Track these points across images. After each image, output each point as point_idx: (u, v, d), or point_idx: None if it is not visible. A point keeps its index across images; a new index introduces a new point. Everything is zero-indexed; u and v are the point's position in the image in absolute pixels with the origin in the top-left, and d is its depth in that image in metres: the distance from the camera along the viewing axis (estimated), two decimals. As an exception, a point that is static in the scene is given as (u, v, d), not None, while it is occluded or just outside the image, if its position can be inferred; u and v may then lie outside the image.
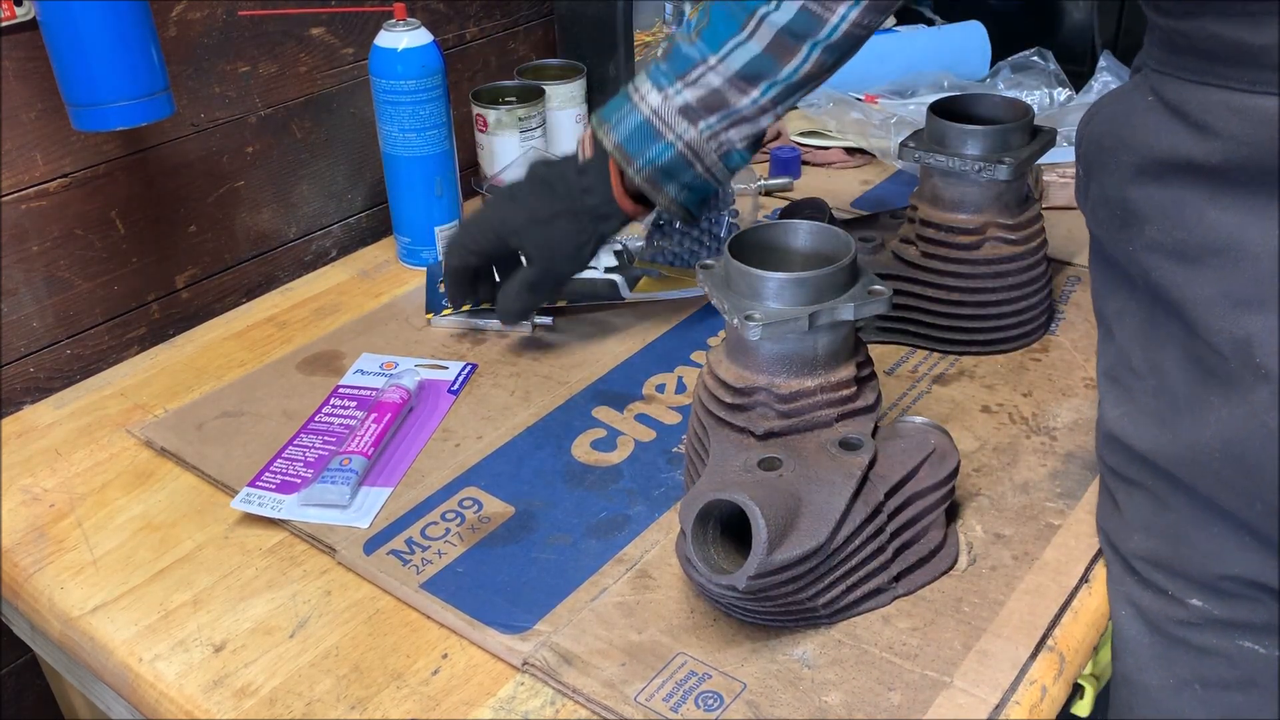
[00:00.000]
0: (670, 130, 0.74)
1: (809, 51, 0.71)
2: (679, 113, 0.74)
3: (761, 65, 0.71)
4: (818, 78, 0.73)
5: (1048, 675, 0.59)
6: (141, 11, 0.79)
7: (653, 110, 0.74)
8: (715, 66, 0.72)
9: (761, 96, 0.73)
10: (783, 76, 0.72)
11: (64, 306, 0.90)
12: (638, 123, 0.75)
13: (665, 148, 0.75)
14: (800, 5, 0.69)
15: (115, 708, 0.71)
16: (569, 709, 0.58)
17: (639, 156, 0.75)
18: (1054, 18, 1.47)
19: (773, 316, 0.59)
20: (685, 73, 0.73)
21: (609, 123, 0.77)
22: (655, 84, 0.74)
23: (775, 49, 0.71)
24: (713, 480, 0.60)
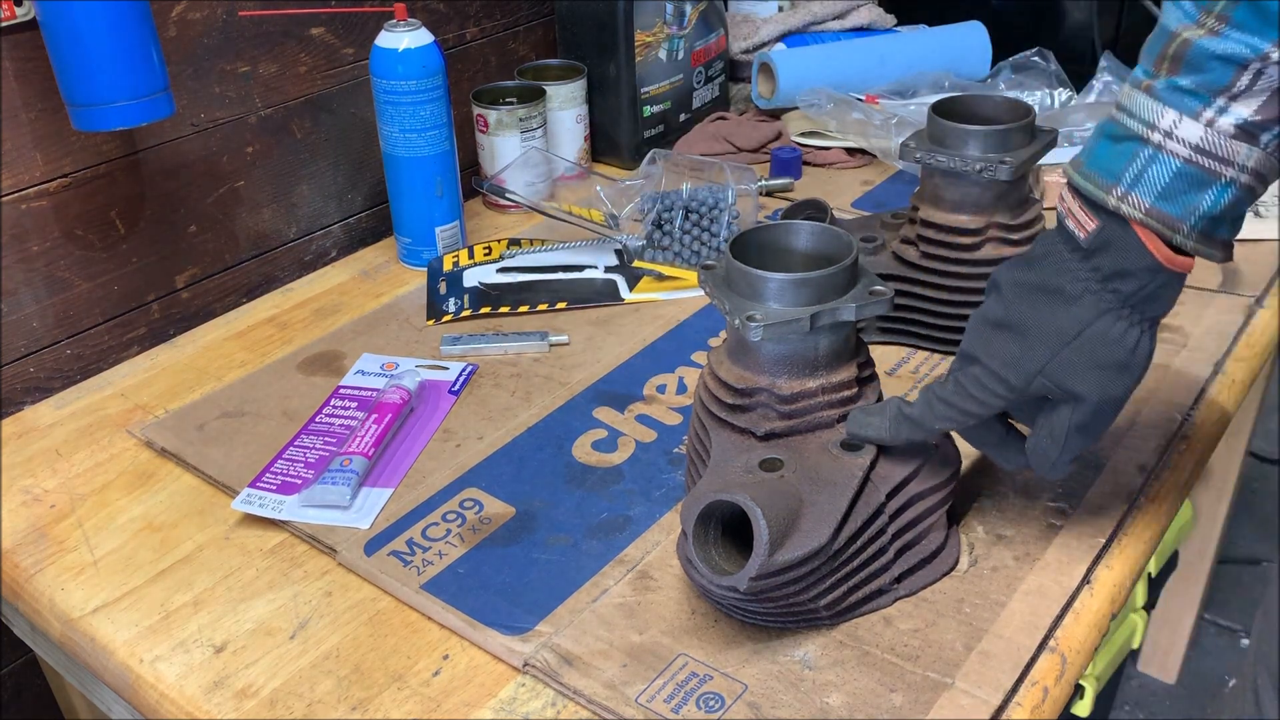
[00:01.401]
0: (1227, 165, 0.52)
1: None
2: (1234, 138, 0.52)
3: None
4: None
5: (1049, 676, 0.59)
6: (141, 11, 0.79)
7: (1193, 149, 0.52)
8: (1277, 61, 0.50)
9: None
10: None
11: (64, 306, 0.90)
12: (1175, 171, 0.53)
13: (1221, 191, 0.53)
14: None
15: (115, 708, 0.71)
16: (570, 710, 0.58)
17: (1188, 215, 0.53)
18: (1054, 18, 1.47)
19: (774, 317, 0.59)
20: (1228, 84, 0.51)
21: (1117, 183, 0.54)
22: (1182, 108, 0.52)
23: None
24: (714, 481, 0.60)
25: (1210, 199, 0.53)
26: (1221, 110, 0.51)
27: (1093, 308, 0.56)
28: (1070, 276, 0.57)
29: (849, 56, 1.30)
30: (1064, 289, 0.57)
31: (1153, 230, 0.54)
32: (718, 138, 1.24)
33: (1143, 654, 1.64)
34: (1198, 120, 0.52)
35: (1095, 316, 0.56)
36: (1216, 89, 0.51)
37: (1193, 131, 0.52)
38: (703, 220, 1.02)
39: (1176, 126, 0.52)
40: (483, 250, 1.05)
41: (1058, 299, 0.57)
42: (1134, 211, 0.54)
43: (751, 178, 1.05)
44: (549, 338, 0.91)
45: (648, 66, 1.21)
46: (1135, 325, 0.56)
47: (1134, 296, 0.56)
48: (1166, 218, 0.53)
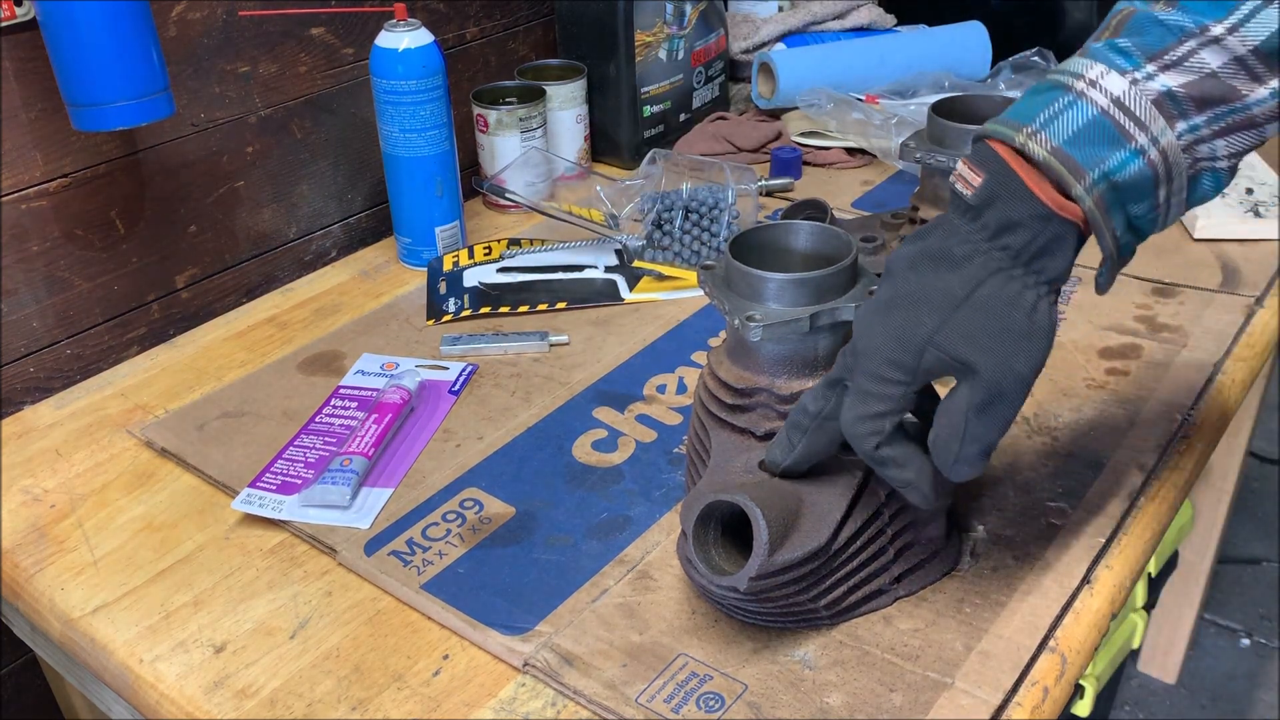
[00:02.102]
0: (1141, 130, 0.50)
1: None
2: (1155, 105, 0.50)
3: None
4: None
5: (1049, 676, 0.59)
6: (141, 11, 0.79)
7: (1113, 100, 0.50)
8: (1218, 39, 0.49)
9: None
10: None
11: (64, 306, 0.90)
12: (1089, 118, 0.50)
13: (1130, 156, 0.50)
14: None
15: (115, 708, 0.71)
16: (570, 710, 0.58)
17: (1093, 166, 0.50)
18: (1054, 18, 1.47)
19: (773, 317, 0.59)
20: (1163, 49, 0.50)
21: (1029, 123, 0.51)
22: (1111, 64, 0.50)
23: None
24: (714, 481, 0.60)
25: (1117, 159, 0.50)
26: (1149, 75, 0.50)
27: (982, 267, 0.52)
28: (958, 238, 0.52)
29: (849, 56, 1.30)
30: (951, 251, 0.52)
31: (1053, 175, 0.50)
32: (718, 138, 1.24)
33: (1143, 654, 1.64)
34: (1124, 76, 0.50)
35: (985, 275, 0.52)
36: (1150, 52, 0.50)
37: (1116, 84, 0.50)
38: (703, 220, 1.02)
39: (1102, 78, 0.50)
40: (483, 250, 1.05)
41: (944, 263, 0.52)
42: (1039, 149, 0.50)
43: (751, 178, 1.05)
44: (549, 338, 0.91)
45: (648, 66, 1.21)
46: (1030, 287, 0.52)
47: (1025, 251, 0.51)
48: (1071, 162, 0.50)
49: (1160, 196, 0.51)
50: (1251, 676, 1.64)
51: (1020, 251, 0.51)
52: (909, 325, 0.52)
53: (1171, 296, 0.92)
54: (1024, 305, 0.52)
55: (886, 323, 0.53)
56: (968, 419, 0.53)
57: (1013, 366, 0.52)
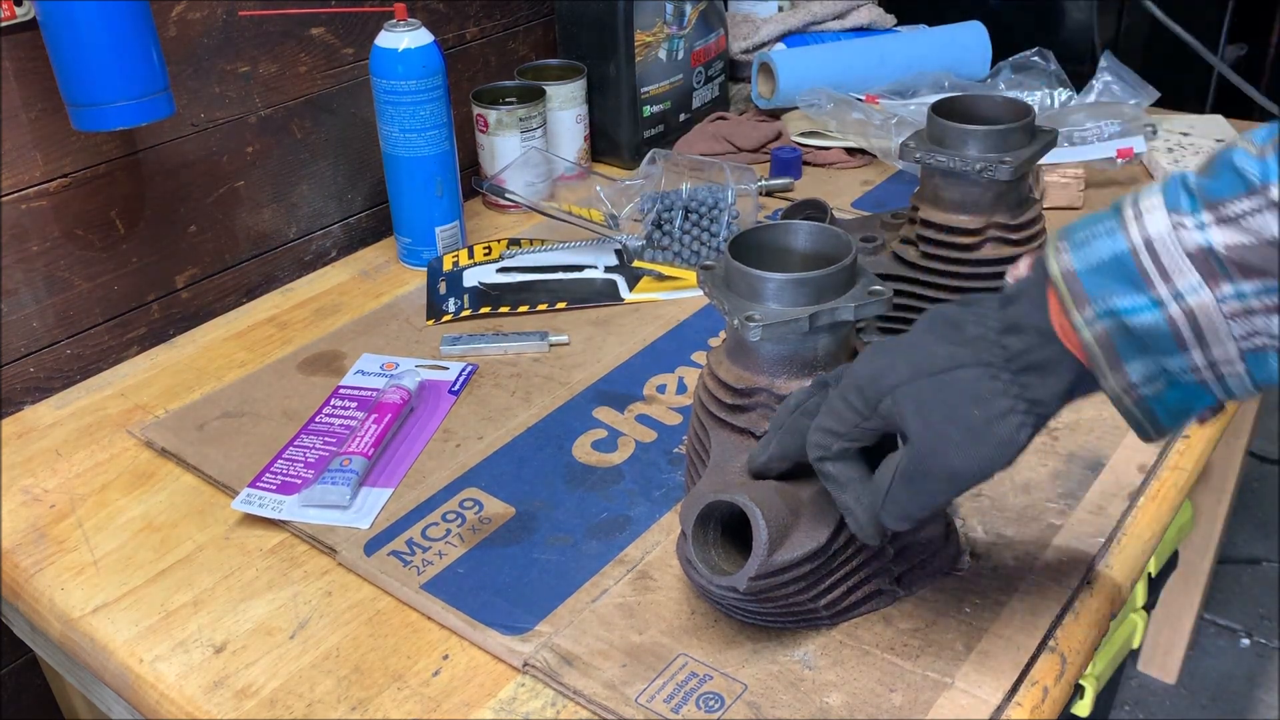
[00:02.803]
0: (1165, 280, 0.45)
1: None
2: (1190, 257, 0.45)
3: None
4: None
5: (1049, 676, 0.59)
6: (141, 11, 0.79)
7: (1145, 240, 0.46)
8: (1277, 203, 0.43)
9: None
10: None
11: (64, 306, 0.90)
12: (1116, 252, 0.47)
13: (1147, 304, 0.46)
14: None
15: (115, 708, 0.71)
16: (570, 710, 0.58)
17: (1100, 299, 0.47)
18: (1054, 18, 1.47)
19: (773, 317, 0.59)
20: (1222, 199, 0.44)
21: (1069, 239, 0.49)
22: (1168, 200, 0.46)
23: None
24: (713, 481, 0.60)
25: (1129, 303, 0.46)
26: (1201, 225, 0.45)
27: (974, 353, 0.51)
28: (977, 317, 0.52)
29: (849, 56, 1.30)
30: (965, 326, 0.52)
31: (1060, 295, 0.48)
32: (718, 138, 1.24)
33: (1143, 654, 1.64)
34: (1170, 217, 0.45)
35: (971, 362, 0.50)
36: (1210, 200, 0.45)
37: (1157, 224, 0.46)
38: (702, 220, 1.02)
39: (1149, 213, 0.46)
40: (483, 250, 1.05)
41: (953, 332, 0.52)
42: (1055, 266, 0.48)
43: (751, 178, 1.05)
44: (549, 338, 0.91)
45: (648, 66, 1.21)
46: (1007, 396, 0.50)
47: (1018, 359, 0.50)
48: (1078, 288, 0.47)
49: (1195, 360, 0.46)
50: (1251, 676, 1.64)
51: (1015, 357, 0.50)
52: (886, 368, 0.53)
53: (1171, 296, 0.92)
54: (991, 409, 0.50)
55: (876, 357, 0.54)
56: (893, 480, 0.53)
57: (947, 457, 0.51)
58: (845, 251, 0.62)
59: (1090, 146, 1.12)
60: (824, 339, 0.61)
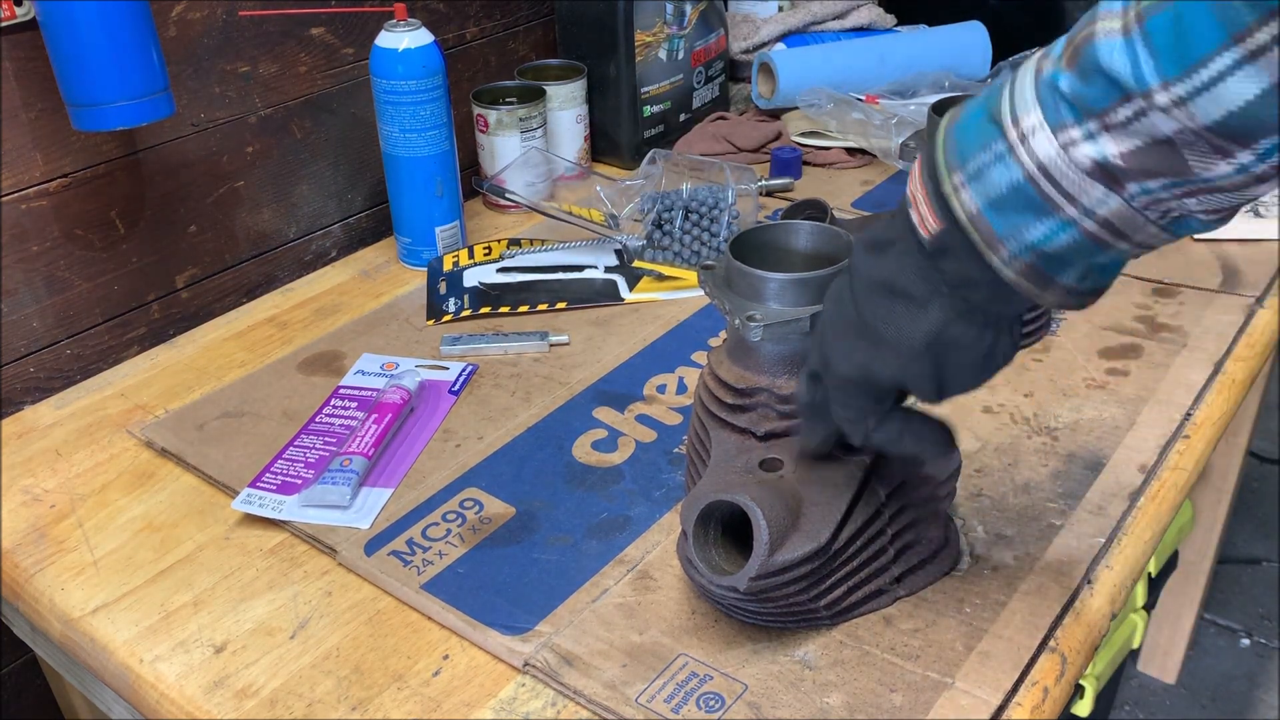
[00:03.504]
0: (1071, 202, 0.44)
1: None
2: (1089, 174, 0.43)
3: (1264, 110, 0.38)
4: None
5: (1049, 676, 0.59)
6: (141, 11, 0.79)
7: (1039, 165, 0.44)
8: (1170, 104, 0.40)
9: (1259, 161, 0.40)
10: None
11: (64, 306, 0.90)
12: (1013, 182, 0.45)
13: (1059, 228, 0.45)
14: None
15: (115, 708, 0.71)
16: (570, 710, 0.58)
17: (1011, 238, 0.46)
18: (1054, 18, 1.47)
19: (774, 317, 0.59)
20: (1105, 108, 0.42)
21: (961, 168, 0.46)
22: (1047, 114, 0.44)
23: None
24: (714, 481, 0.60)
25: (1041, 231, 0.45)
26: (1090, 135, 0.42)
27: (940, 312, 0.50)
28: (918, 276, 0.50)
29: (849, 56, 1.30)
30: (911, 290, 0.50)
31: (974, 240, 0.47)
32: (718, 138, 1.24)
33: (1143, 654, 1.64)
34: (1056, 136, 0.43)
35: (944, 324, 0.50)
36: (1091, 110, 0.42)
37: (1044, 147, 0.44)
38: (703, 220, 1.02)
39: (1033, 133, 0.44)
40: (483, 250, 1.05)
41: (906, 301, 0.50)
42: (960, 211, 0.46)
43: (751, 178, 1.05)
44: (549, 338, 0.91)
45: (648, 66, 1.21)
46: (989, 327, 0.50)
47: (987, 303, 0.49)
48: (988, 231, 0.46)
49: (1122, 249, 0.46)
50: (1251, 676, 1.64)
51: (983, 302, 0.49)
52: (875, 363, 0.52)
53: (1171, 296, 0.92)
54: (982, 346, 0.51)
55: (853, 352, 0.53)
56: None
57: (965, 387, 0.53)
58: (846, 251, 0.62)
59: (1090, 146, 1.12)
60: (824, 339, 0.61)
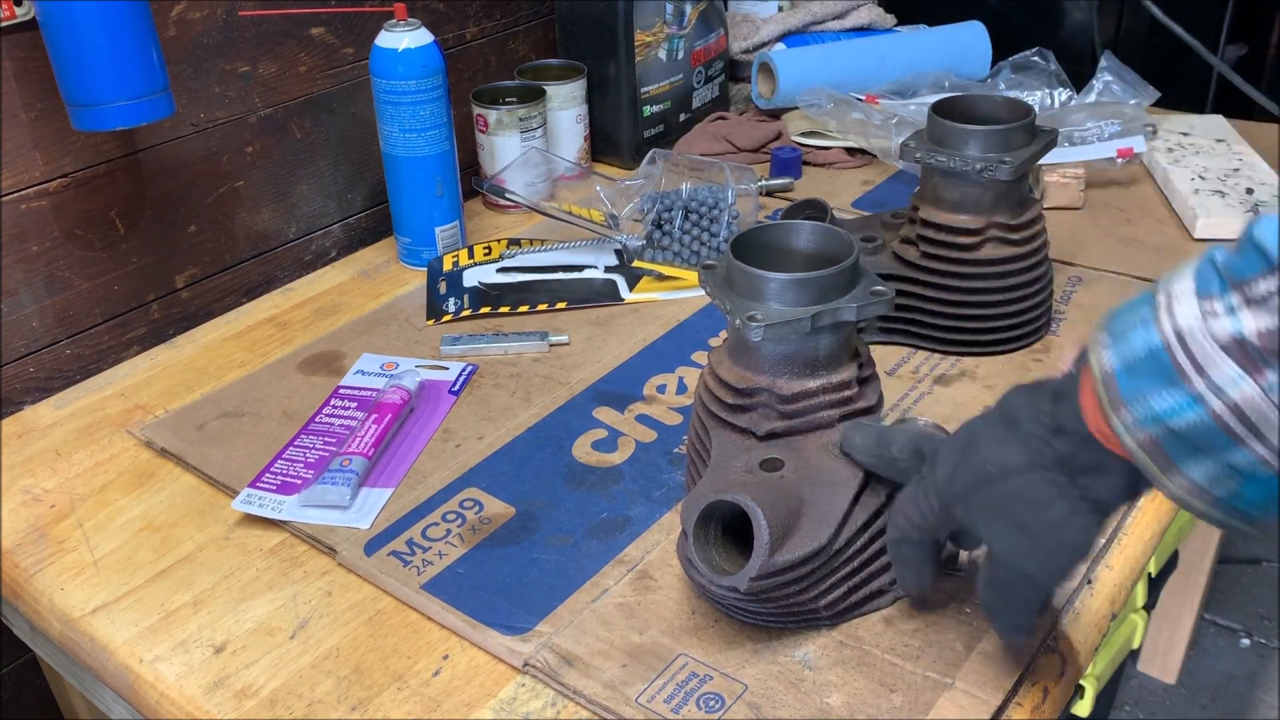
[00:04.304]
0: (1201, 375, 0.41)
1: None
2: (1225, 349, 0.41)
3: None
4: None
5: (1049, 676, 0.59)
6: (141, 11, 0.79)
7: (1176, 331, 0.42)
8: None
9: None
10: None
11: (64, 306, 0.90)
12: (1149, 346, 0.43)
13: (1187, 403, 0.42)
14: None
15: (115, 708, 0.71)
16: (570, 710, 0.58)
17: (1137, 403, 0.43)
18: (1054, 18, 1.47)
19: (775, 317, 0.59)
20: (1246, 279, 0.40)
21: (1109, 330, 0.45)
22: (1198, 285, 0.42)
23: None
24: (714, 481, 0.60)
25: (1168, 403, 0.42)
26: (1229, 310, 0.40)
27: (1026, 456, 0.49)
28: (1031, 412, 0.50)
29: (849, 56, 1.30)
30: (1019, 423, 0.50)
31: (1100, 398, 0.45)
32: (718, 138, 1.24)
33: (1143, 654, 1.64)
34: (1199, 304, 0.41)
35: (1025, 467, 0.49)
36: (1236, 280, 0.40)
37: (1186, 313, 0.42)
38: (703, 220, 1.02)
39: (1178, 300, 0.42)
40: (483, 250, 1.05)
41: (1008, 430, 0.51)
42: (1095, 363, 0.45)
43: (751, 178, 1.05)
44: (549, 338, 0.91)
45: (648, 66, 1.21)
46: (1066, 498, 0.48)
47: (1069, 461, 0.48)
48: (1114, 390, 0.44)
49: (1259, 452, 0.41)
50: (1251, 676, 1.64)
51: (1065, 459, 0.48)
52: (951, 477, 0.53)
53: (1172, 296, 0.92)
54: (1050, 513, 0.49)
55: (950, 457, 0.54)
56: (982, 586, 0.54)
57: (1022, 565, 0.51)
58: (847, 251, 0.62)
59: (1090, 146, 1.12)
60: (826, 339, 0.61)
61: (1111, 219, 1.07)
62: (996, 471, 0.50)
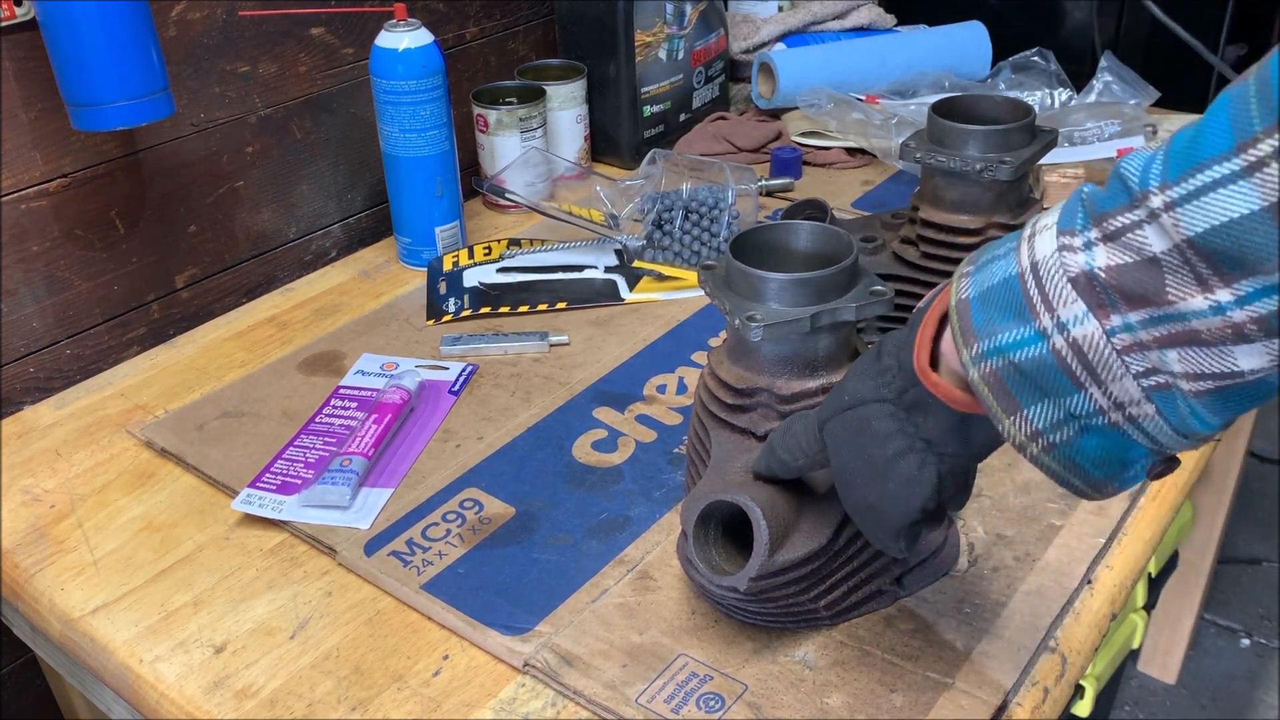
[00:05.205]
0: (1049, 310, 0.40)
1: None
2: (1074, 283, 0.39)
3: (1250, 236, 0.34)
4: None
5: (1049, 676, 0.59)
6: (141, 11, 0.79)
7: (1032, 263, 0.41)
8: (1163, 208, 0.36)
9: (1237, 305, 0.35)
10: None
11: (64, 306, 0.90)
12: (1004, 276, 0.42)
13: (1029, 338, 0.40)
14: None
15: (115, 708, 0.71)
16: (570, 710, 0.58)
17: (986, 336, 0.42)
18: (1054, 18, 1.47)
19: (774, 317, 0.59)
20: (1107, 211, 0.38)
21: (976, 260, 0.44)
22: (1062, 217, 0.41)
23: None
24: (714, 481, 0.60)
25: (1011, 335, 0.41)
26: (1086, 244, 0.39)
27: (875, 387, 0.50)
28: (894, 345, 0.50)
29: (849, 56, 1.30)
30: (882, 354, 0.50)
31: (953, 328, 0.44)
32: (718, 138, 1.24)
33: (1143, 654, 1.64)
34: (1059, 237, 0.40)
35: (872, 397, 0.49)
36: (1097, 212, 0.39)
37: (1045, 245, 0.40)
38: (703, 220, 1.02)
39: (1040, 232, 0.41)
40: (483, 250, 1.05)
41: (873, 362, 0.51)
42: (953, 293, 0.44)
43: (751, 178, 1.05)
44: (549, 338, 0.91)
45: (648, 66, 1.21)
46: (905, 434, 0.48)
47: (903, 396, 0.48)
48: (966, 319, 0.43)
49: (1098, 399, 0.40)
50: (1251, 676, 1.64)
51: (901, 394, 0.48)
52: (826, 403, 0.53)
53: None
54: (889, 447, 0.48)
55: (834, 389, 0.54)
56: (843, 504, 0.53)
57: (861, 492, 0.51)
58: (846, 251, 0.62)
59: (1090, 146, 1.12)
60: (825, 339, 0.61)
61: (1111, 219, 1.07)
62: (850, 400, 0.50)
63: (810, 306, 0.60)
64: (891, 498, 0.49)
